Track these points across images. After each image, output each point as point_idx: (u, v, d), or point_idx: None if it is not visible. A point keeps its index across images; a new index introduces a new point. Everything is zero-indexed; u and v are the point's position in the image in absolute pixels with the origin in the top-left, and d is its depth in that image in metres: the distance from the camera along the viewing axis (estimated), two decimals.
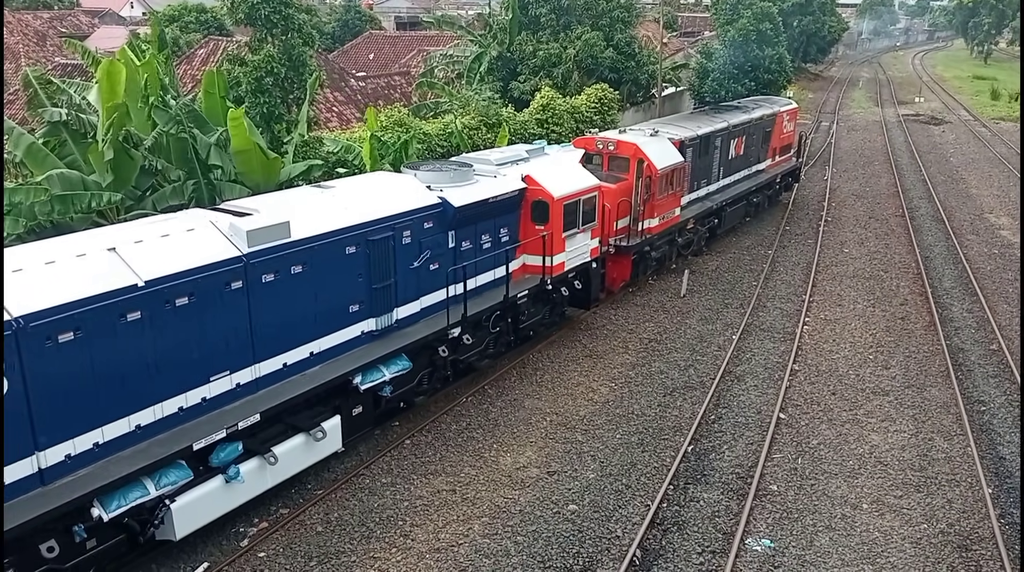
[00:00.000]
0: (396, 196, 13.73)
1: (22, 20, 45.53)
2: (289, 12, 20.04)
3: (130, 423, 9.87)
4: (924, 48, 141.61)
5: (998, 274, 23.07)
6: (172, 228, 10.82)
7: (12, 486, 8.73)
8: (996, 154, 41.95)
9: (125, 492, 9.54)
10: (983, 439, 14.28)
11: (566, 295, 17.65)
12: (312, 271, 11.92)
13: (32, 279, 9.08)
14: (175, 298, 10.13)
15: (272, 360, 11.59)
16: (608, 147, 20.67)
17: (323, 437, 11.94)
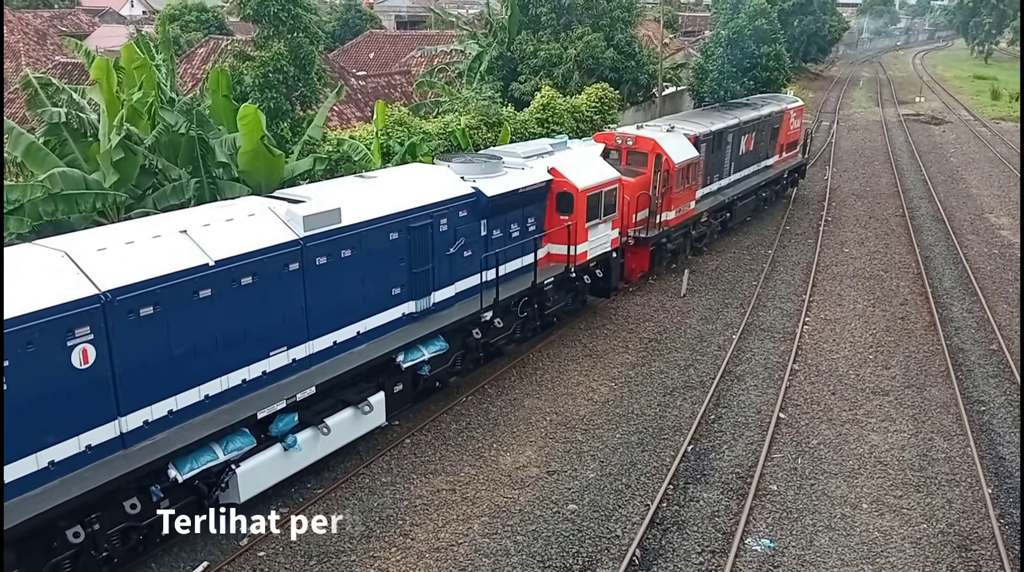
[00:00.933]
0: (433, 186, 14.51)
1: (22, 19, 45.52)
2: (297, 11, 20.04)
3: (200, 393, 10.66)
4: (925, 48, 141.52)
5: (998, 274, 23.07)
6: (235, 213, 11.63)
7: (98, 448, 9.59)
8: (996, 154, 41.96)
9: (197, 456, 10.34)
10: (983, 439, 14.29)
11: (588, 283, 18.33)
12: (360, 255, 12.70)
13: (115, 257, 9.86)
14: (240, 277, 10.90)
15: (323, 338, 12.39)
16: (627, 142, 21.33)
17: (369, 411, 12.73)
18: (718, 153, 24.82)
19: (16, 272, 9.05)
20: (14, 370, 8.64)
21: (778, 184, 30.44)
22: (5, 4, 52.23)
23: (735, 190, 26.09)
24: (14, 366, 8.64)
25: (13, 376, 8.63)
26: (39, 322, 8.83)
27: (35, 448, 9.06)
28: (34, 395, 8.91)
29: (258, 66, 19.91)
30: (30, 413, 8.90)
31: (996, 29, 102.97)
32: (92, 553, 9.58)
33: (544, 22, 33.15)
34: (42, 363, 8.90)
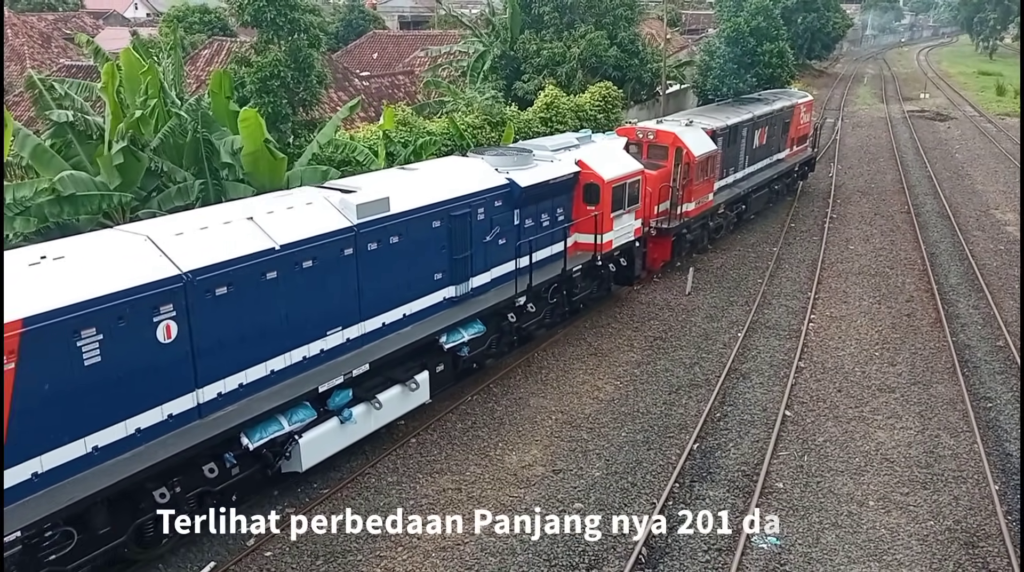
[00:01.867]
0: (471, 177, 15.33)
1: (27, 22, 45.61)
2: (295, 15, 20.04)
3: (266, 368, 11.47)
4: (929, 44, 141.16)
5: (1004, 270, 23.00)
6: (295, 202, 12.43)
7: (179, 417, 10.37)
8: (1002, 150, 41.82)
9: (265, 426, 11.09)
10: (989, 436, 14.26)
11: (613, 271, 19.13)
12: (406, 241, 13.50)
13: (192, 241, 10.65)
14: (302, 261, 11.70)
15: (374, 319, 13.17)
16: (648, 136, 22.01)
17: (416, 388, 13.52)
18: (733, 147, 25.44)
19: (105, 254, 9.95)
20: (108, 342, 9.39)
21: (789, 177, 31.13)
22: (10, 7, 52.40)
23: (749, 183, 26.73)
24: (108, 339, 9.39)
25: (107, 348, 9.40)
26: (129, 299, 9.61)
27: (124, 416, 9.79)
28: (124, 366, 9.64)
29: (255, 71, 19.94)
30: (120, 383, 9.63)
31: (1001, 25, 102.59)
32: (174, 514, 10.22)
33: (547, 21, 33.14)
34: (131, 337, 9.66)
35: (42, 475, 9.05)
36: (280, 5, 19.72)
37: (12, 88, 28.96)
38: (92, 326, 9.25)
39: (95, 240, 10.50)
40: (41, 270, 9.33)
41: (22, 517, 8.65)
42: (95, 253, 9.94)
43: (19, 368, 8.71)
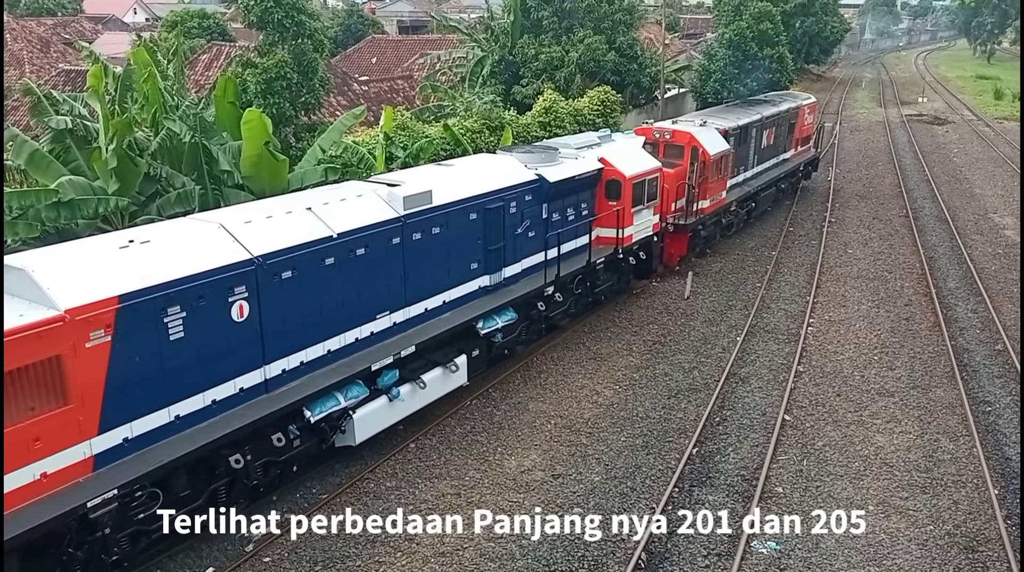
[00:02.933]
0: (504, 173, 16.18)
1: (26, 27, 45.64)
2: (301, 18, 20.09)
3: (324, 347, 12.27)
4: (927, 48, 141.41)
5: (1003, 274, 23.01)
6: (347, 194, 13.30)
7: (248, 390, 11.16)
8: (1000, 154, 41.86)
9: (324, 401, 11.92)
10: (989, 440, 14.25)
11: (633, 265, 20.04)
12: (446, 232, 14.33)
13: (260, 229, 11.45)
14: (356, 248, 12.55)
15: (417, 305, 14.01)
16: (664, 136, 22.82)
17: (456, 370, 14.33)
18: (744, 146, 26.18)
19: (185, 239, 10.82)
20: (190, 319, 10.21)
21: (794, 176, 31.99)
22: (9, 12, 52.43)
23: (758, 181, 27.56)
24: (190, 316, 10.20)
25: (189, 324, 10.20)
26: (209, 280, 10.42)
27: (202, 388, 10.58)
28: (203, 342, 10.43)
29: (261, 72, 19.97)
30: (199, 357, 10.43)
31: (998, 29, 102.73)
32: (244, 481, 11.14)
33: (546, 26, 33.21)
34: (209, 315, 10.47)
35: (132, 440, 9.86)
36: (287, 7, 19.77)
37: (10, 93, 28.95)
38: (177, 304, 10.08)
39: (174, 227, 11.48)
40: (130, 252, 10.16)
41: (116, 477, 9.50)
42: (176, 238, 10.83)
43: (114, 341, 9.48)
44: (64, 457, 9.19)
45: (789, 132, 30.75)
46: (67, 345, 9.02)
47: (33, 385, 8.82)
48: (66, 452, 9.20)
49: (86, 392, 9.28)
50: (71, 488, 9.21)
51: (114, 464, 9.65)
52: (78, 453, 9.33)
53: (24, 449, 8.79)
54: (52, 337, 8.88)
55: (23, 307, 8.95)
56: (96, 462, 9.52)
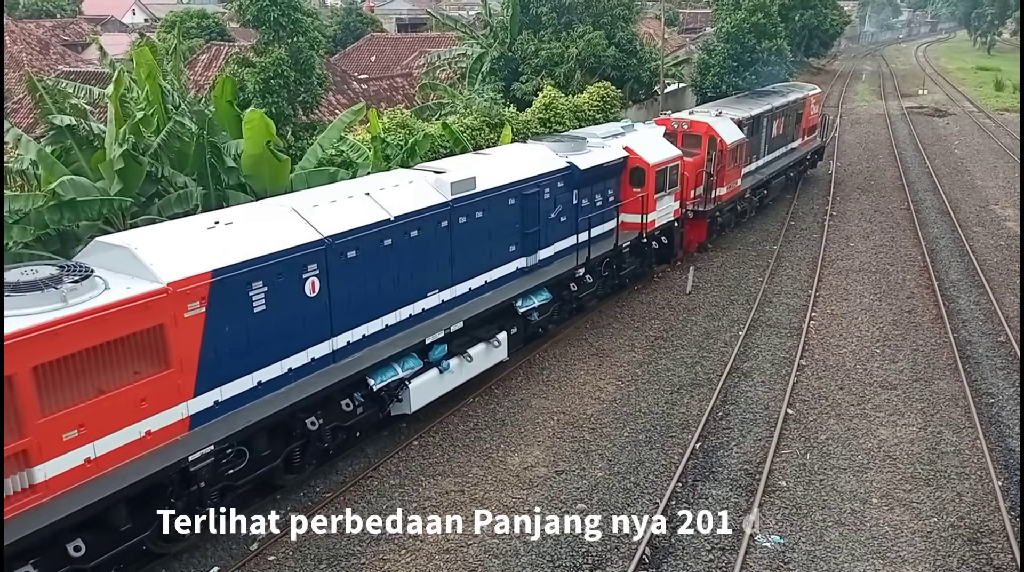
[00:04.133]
0: (538, 161, 17.15)
1: (25, 29, 45.64)
2: (298, 16, 20.05)
3: (382, 322, 13.24)
4: (927, 40, 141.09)
5: (1005, 266, 22.98)
6: (399, 180, 14.25)
7: (319, 360, 12.13)
8: (1001, 145, 41.79)
9: (384, 371, 12.93)
10: (992, 432, 14.25)
11: (656, 249, 20.97)
12: (488, 216, 15.25)
13: (326, 212, 12.40)
14: (411, 231, 13.49)
15: (462, 284, 14.92)
16: (682, 126, 23.64)
17: (498, 346, 15.24)
18: (756, 136, 26.95)
19: (263, 221, 11.74)
20: (270, 293, 11.17)
21: (801, 165, 32.91)
22: (8, 14, 52.39)
23: (769, 170, 28.48)
24: (270, 290, 11.16)
25: (270, 298, 11.16)
26: (286, 258, 11.35)
27: (280, 356, 11.54)
28: (281, 314, 11.39)
29: (259, 71, 19.94)
30: (278, 328, 11.38)
31: (999, 20, 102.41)
32: (317, 443, 12.15)
33: (545, 22, 33.13)
34: (287, 290, 11.44)
35: (221, 403, 10.78)
36: (283, 5, 19.72)
37: (10, 95, 28.98)
38: (260, 279, 11.02)
39: (252, 210, 12.55)
40: (217, 233, 11.06)
41: (211, 436, 10.44)
42: (255, 220, 11.78)
43: (208, 312, 10.40)
44: (165, 417, 10.13)
45: (796, 122, 31.71)
46: (169, 315, 9.95)
47: (139, 351, 9.72)
48: (167, 412, 10.15)
49: (184, 358, 10.21)
50: (171, 445, 10.15)
51: (207, 424, 10.57)
52: (177, 413, 10.28)
53: (132, 408, 9.72)
54: (156, 308, 9.81)
55: (129, 281, 9.86)
56: (192, 422, 10.46)
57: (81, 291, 9.39)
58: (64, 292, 9.21)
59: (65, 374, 9.00)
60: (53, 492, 9.05)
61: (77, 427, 9.17)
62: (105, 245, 10.59)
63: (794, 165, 31.36)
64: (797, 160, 31.65)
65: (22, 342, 8.60)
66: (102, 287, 9.65)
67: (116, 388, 9.49)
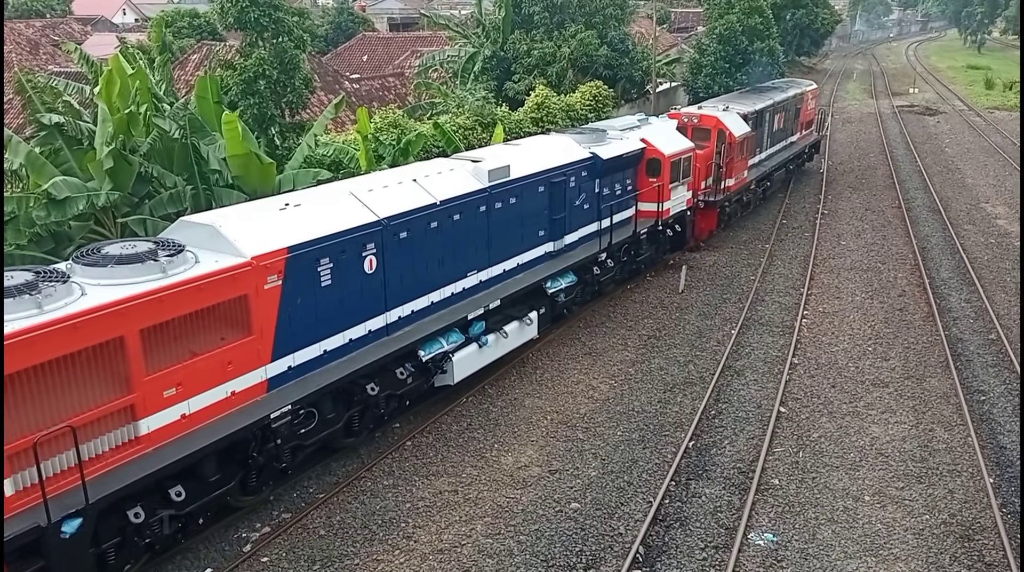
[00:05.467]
0: (563, 151, 18.15)
1: (15, 29, 45.47)
2: (279, 16, 19.93)
3: (428, 299, 14.28)
4: (917, 39, 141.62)
5: (995, 263, 23.10)
6: (441, 168, 15.23)
7: (375, 332, 13.16)
8: (991, 143, 41.99)
9: (431, 344, 13.96)
10: (983, 429, 14.31)
11: (670, 236, 22.10)
12: (521, 202, 16.31)
13: (381, 196, 13.38)
14: (453, 214, 14.46)
15: (497, 266, 15.99)
16: (692, 120, 24.64)
17: (530, 324, 16.40)
18: (759, 130, 27.98)
19: (326, 203, 12.68)
20: (335, 269, 12.14)
21: (800, 158, 34.35)
22: None
23: (771, 162, 29.67)
24: (335, 267, 12.14)
25: (334, 274, 12.14)
26: (349, 237, 12.34)
27: (342, 328, 12.53)
28: (344, 289, 12.38)
29: (239, 73, 19.83)
30: (341, 301, 12.37)
31: (988, 19, 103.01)
32: (375, 409, 13.14)
33: (537, 21, 33.15)
34: (349, 266, 12.44)
35: (294, 368, 11.76)
36: (263, 5, 19.60)
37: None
38: (327, 256, 11.99)
39: (316, 193, 13.43)
40: (289, 213, 12.04)
41: (287, 397, 11.41)
42: (320, 202, 12.71)
43: (284, 284, 11.38)
44: (248, 379, 11.10)
45: (795, 117, 33.02)
46: (252, 286, 10.91)
47: (226, 319, 10.68)
48: (249, 375, 11.11)
49: (263, 326, 11.18)
50: (252, 405, 11.10)
51: (282, 387, 11.56)
52: (257, 376, 11.25)
53: (220, 370, 10.67)
54: (242, 279, 10.75)
55: (216, 256, 10.79)
56: (269, 385, 11.44)
57: (176, 264, 10.30)
58: (164, 264, 10.14)
59: (165, 337, 9.95)
60: (155, 444, 9.99)
61: (175, 385, 10.13)
62: (190, 223, 11.57)
63: (794, 158, 32.58)
64: (796, 153, 32.87)
65: (132, 307, 9.52)
66: (193, 261, 10.57)
67: (206, 352, 10.45)
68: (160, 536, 10.10)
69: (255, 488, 11.53)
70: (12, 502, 8.70)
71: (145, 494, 9.81)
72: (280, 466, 11.63)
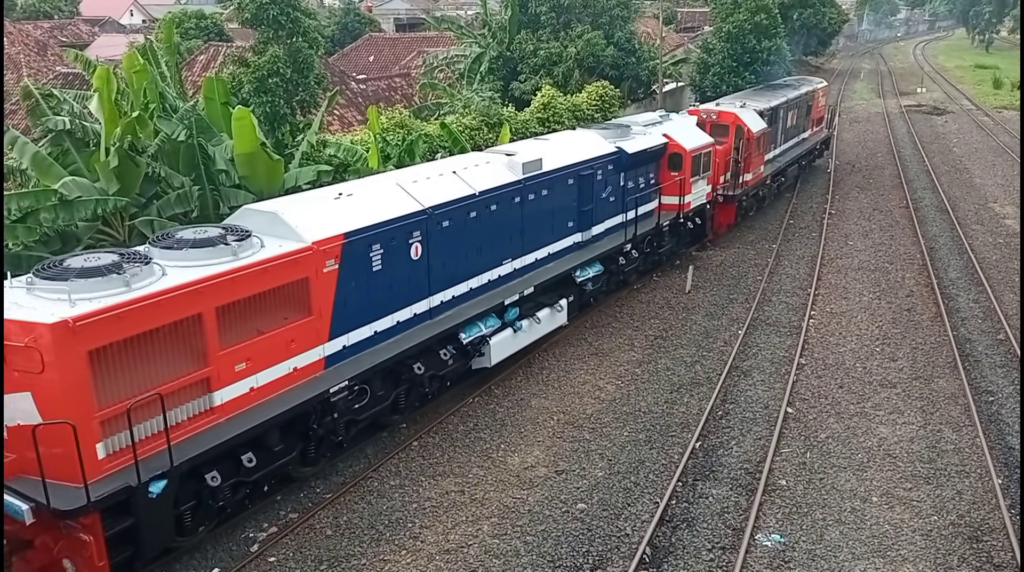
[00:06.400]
0: (591, 146, 19.01)
1: (22, 30, 45.63)
2: (297, 15, 19.95)
3: (467, 286, 15.10)
4: (925, 38, 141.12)
5: (1004, 263, 22.99)
6: (478, 161, 16.13)
7: (419, 315, 13.99)
8: (999, 143, 41.82)
9: (470, 328, 14.73)
10: (992, 429, 14.25)
11: (691, 229, 22.82)
12: (552, 194, 17.15)
13: (424, 187, 14.19)
14: (491, 205, 15.29)
15: (529, 255, 16.86)
16: (711, 116, 25.38)
17: (561, 310, 17.07)
18: (774, 126, 28.63)
19: (376, 193, 13.52)
20: (385, 255, 12.98)
21: (811, 155, 34.96)
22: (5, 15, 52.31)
23: (785, 158, 30.42)
24: (385, 253, 12.97)
25: (385, 259, 12.97)
26: (398, 225, 13.17)
27: (391, 310, 13.39)
28: (393, 274, 13.20)
29: (254, 71, 19.86)
30: (390, 286, 13.21)
31: (996, 18, 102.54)
32: (420, 388, 14.02)
33: (543, 21, 33.12)
34: (398, 253, 13.27)
35: (348, 347, 12.62)
36: (283, 3, 19.62)
37: (8, 97, 28.94)
38: (378, 242, 12.82)
39: (366, 184, 14.23)
40: (343, 202, 12.87)
41: (344, 373, 12.23)
42: (370, 192, 13.54)
43: (340, 268, 12.21)
44: (307, 356, 11.91)
45: (807, 113, 33.77)
46: (312, 269, 11.70)
47: (289, 299, 11.48)
48: (309, 352, 11.92)
49: (322, 307, 11.99)
50: (312, 380, 11.91)
51: (338, 364, 12.39)
52: (316, 354, 12.06)
53: (284, 348, 11.50)
54: (304, 263, 11.56)
55: (279, 241, 11.58)
56: (327, 362, 12.27)
57: (245, 248, 11.09)
58: (235, 248, 10.90)
59: (236, 316, 10.72)
60: (227, 414, 10.78)
61: (245, 360, 10.93)
62: (253, 211, 12.39)
63: (805, 154, 33.26)
64: (807, 150, 33.55)
65: (208, 286, 10.31)
66: (259, 245, 11.36)
67: (271, 330, 11.26)
68: (231, 500, 10.89)
69: (313, 459, 12.30)
70: (103, 465, 9.45)
71: (220, 460, 10.53)
72: (336, 439, 12.44)
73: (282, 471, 11.76)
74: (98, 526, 9.21)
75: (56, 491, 8.91)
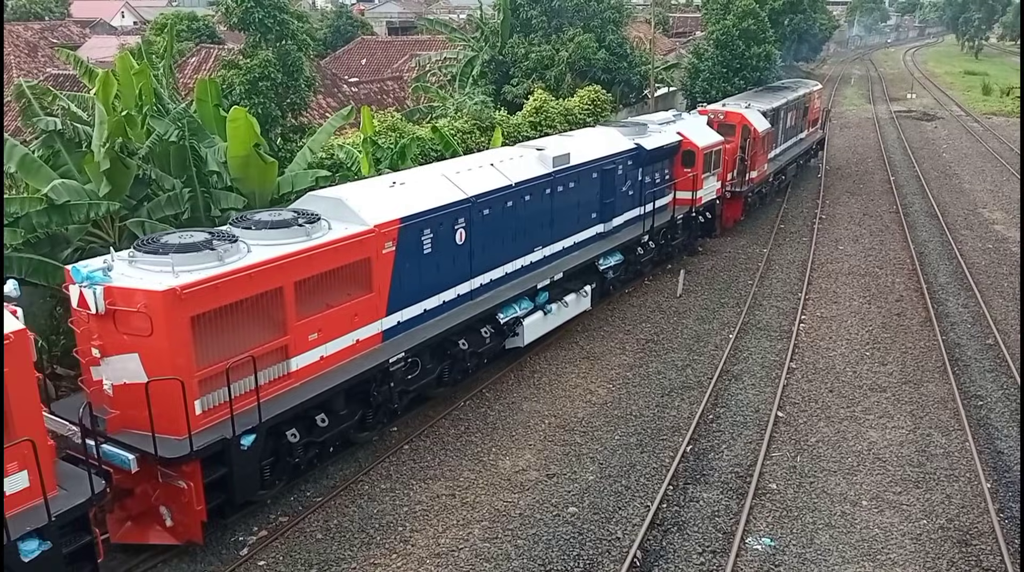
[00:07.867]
0: (612, 142, 20.23)
1: (13, 31, 45.36)
2: (283, 17, 19.91)
3: (503, 270, 16.27)
4: (915, 44, 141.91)
5: (993, 269, 23.13)
6: (512, 155, 17.25)
7: (462, 296, 15.16)
8: (988, 149, 42.09)
9: (507, 309, 15.89)
10: (981, 434, 14.32)
11: (702, 223, 24.15)
12: (579, 186, 18.31)
13: (466, 177, 15.35)
14: (525, 195, 16.46)
15: (557, 244, 18.01)
16: (718, 116, 26.48)
17: (586, 296, 18.29)
18: (775, 126, 29.76)
19: (425, 183, 14.70)
20: (435, 239, 14.12)
21: (807, 154, 36.44)
22: None
23: (785, 158, 31.74)
24: (434, 237, 14.11)
25: (434, 243, 14.11)
26: (446, 212, 14.32)
27: (438, 291, 14.54)
28: (440, 257, 14.36)
29: (244, 73, 19.81)
30: (438, 268, 14.37)
31: (986, 25, 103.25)
32: (462, 362, 14.99)
33: (535, 25, 33.17)
34: (445, 237, 14.44)
35: (402, 323, 13.81)
36: (268, 7, 19.59)
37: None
38: (428, 227, 13.98)
39: (416, 174, 15.39)
40: (396, 190, 14.00)
41: (400, 346, 13.40)
42: (420, 182, 14.67)
43: (397, 250, 13.37)
44: (368, 329, 13.12)
45: (804, 115, 35.17)
46: (373, 250, 12.88)
47: (352, 277, 12.64)
48: (369, 326, 13.13)
49: (380, 285, 13.20)
50: (371, 352, 13.11)
51: (393, 338, 13.54)
52: (375, 328, 13.27)
53: (348, 321, 12.68)
54: (366, 244, 12.73)
55: (344, 224, 12.68)
56: (384, 336, 13.46)
57: (316, 229, 12.18)
58: (308, 229, 12.01)
59: (309, 291, 11.85)
60: (301, 379, 11.94)
61: (316, 331, 12.08)
62: (317, 197, 13.54)
63: (803, 154, 34.74)
64: (805, 150, 35.00)
65: (288, 263, 11.45)
66: (327, 227, 12.46)
67: (338, 304, 12.42)
68: (304, 458, 11.95)
69: (371, 425, 13.45)
70: (200, 420, 10.52)
71: (296, 420, 11.63)
72: (392, 407, 13.56)
73: (344, 435, 12.86)
74: (198, 474, 10.28)
75: (161, 442, 10.00)
